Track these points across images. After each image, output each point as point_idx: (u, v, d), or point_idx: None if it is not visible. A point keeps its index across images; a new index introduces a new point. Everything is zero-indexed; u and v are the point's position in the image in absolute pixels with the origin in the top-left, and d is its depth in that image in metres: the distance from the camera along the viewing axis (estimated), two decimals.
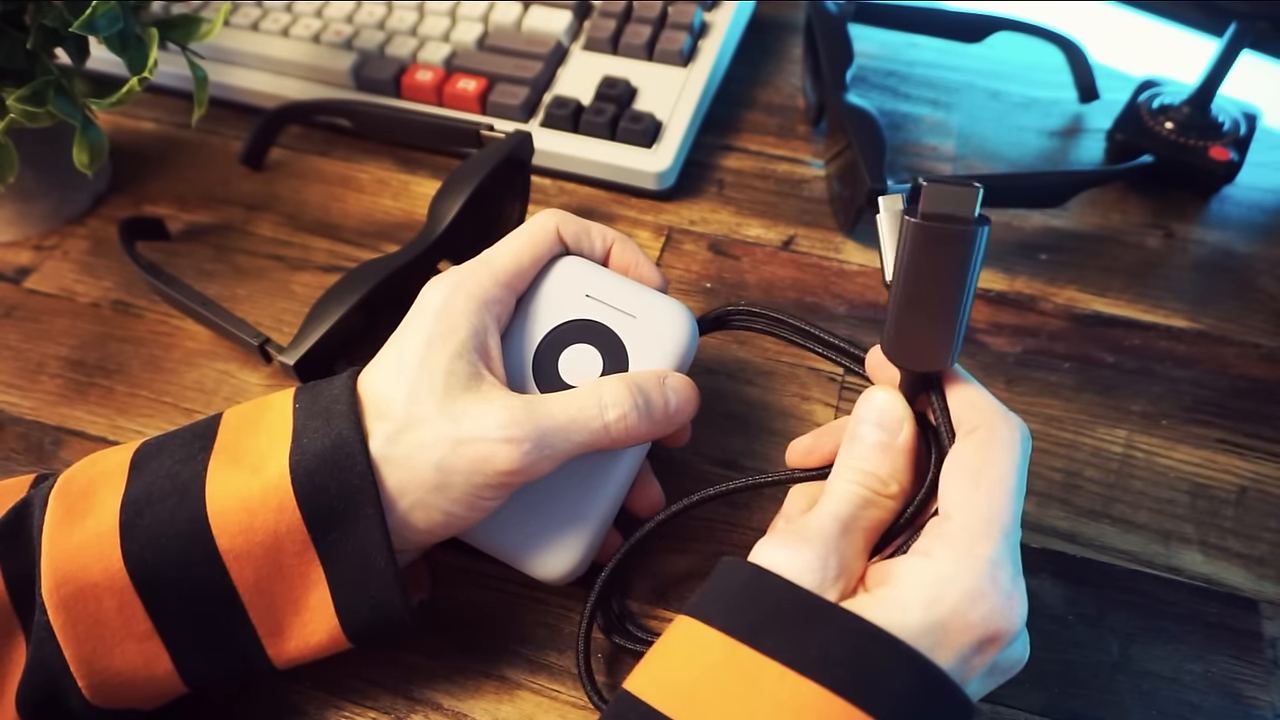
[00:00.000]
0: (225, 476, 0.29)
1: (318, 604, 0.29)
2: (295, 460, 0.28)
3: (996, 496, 0.26)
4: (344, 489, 0.28)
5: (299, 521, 0.28)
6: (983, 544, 0.25)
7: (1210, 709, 0.33)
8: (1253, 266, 0.46)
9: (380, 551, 0.29)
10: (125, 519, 0.28)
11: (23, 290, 0.47)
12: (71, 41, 0.40)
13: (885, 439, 0.28)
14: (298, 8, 0.55)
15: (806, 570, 0.26)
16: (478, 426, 0.29)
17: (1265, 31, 0.45)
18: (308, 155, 0.53)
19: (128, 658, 0.28)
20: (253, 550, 0.28)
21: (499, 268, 0.33)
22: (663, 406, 0.32)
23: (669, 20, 0.52)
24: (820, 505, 0.28)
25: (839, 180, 0.48)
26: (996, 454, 0.27)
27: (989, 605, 0.25)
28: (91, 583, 0.28)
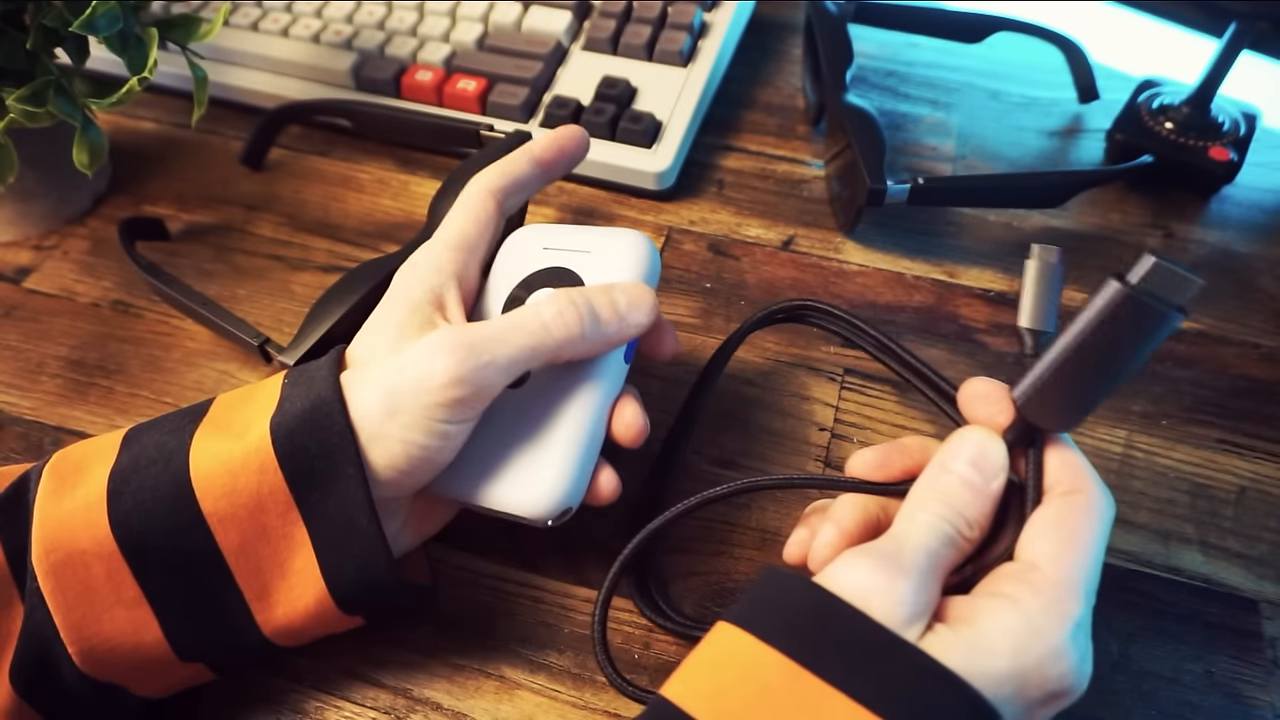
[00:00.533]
0: (209, 443, 0.29)
1: (303, 566, 0.29)
2: (276, 422, 0.29)
3: (1086, 560, 0.26)
4: (324, 448, 0.29)
5: (281, 482, 0.28)
6: (1071, 602, 0.25)
7: (1210, 709, 0.33)
8: (1253, 266, 0.46)
9: (362, 510, 0.29)
10: (112, 487, 0.29)
11: (23, 290, 0.47)
12: (71, 41, 0.40)
13: (979, 482, 0.28)
14: (298, 8, 0.55)
15: (901, 603, 0.25)
16: (416, 349, 0.30)
17: (1265, 31, 0.45)
18: (308, 155, 0.53)
19: (117, 624, 0.29)
20: (236, 513, 0.28)
21: (438, 236, 0.34)
22: (610, 308, 0.31)
23: (669, 20, 0.52)
24: (908, 534, 0.27)
25: (839, 180, 0.48)
26: (1091, 519, 0.27)
27: (1067, 664, 0.24)
28: (80, 549, 0.28)
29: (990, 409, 0.29)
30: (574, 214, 0.49)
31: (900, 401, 0.41)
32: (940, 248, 0.47)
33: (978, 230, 0.48)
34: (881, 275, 0.46)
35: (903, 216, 0.48)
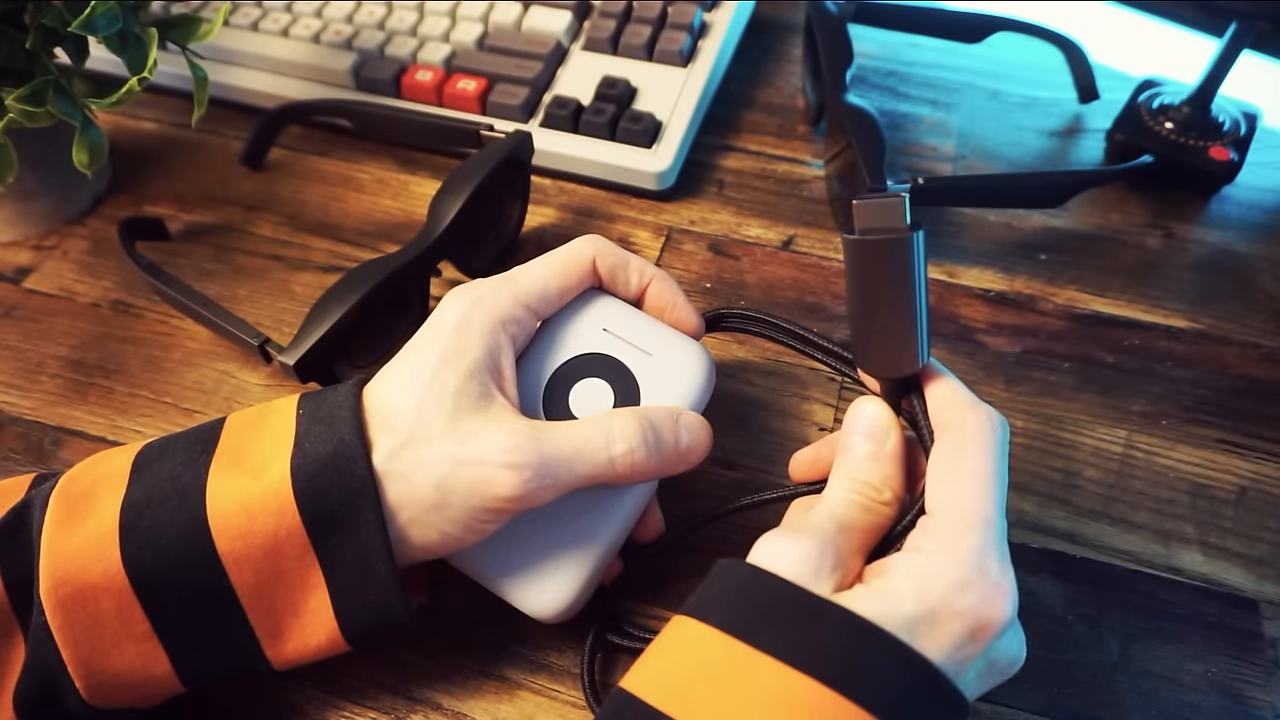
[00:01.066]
0: (226, 480, 0.29)
1: (317, 607, 0.29)
2: (296, 464, 0.28)
3: (973, 488, 0.27)
4: (345, 494, 0.28)
5: (299, 525, 0.28)
6: (966, 536, 0.26)
7: (1210, 709, 0.33)
8: (1253, 266, 0.46)
9: (381, 557, 0.28)
10: (125, 520, 0.28)
11: (22, 290, 0.47)
12: (71, 41, 0.40)
13: (874, 448, 0.29)
14: (298, 8, 0.55)
15: (804, 559, 0.26)
16: (481, 449, 0.29)
17: (1265, 31, 0.45)
18: (308, 155, 0.53)
19: (126, 659, 0.28)
20: (252, 554, 0.28)
21: (522, 288, 0.32)
22: (673, 445, 0.31)
23: (669, 20, 0.52)
24: (816, 509, 0.29)
25: (839, 180, 0.48)
26: (969, 447, 0.27)
27: (977, 593, 0.25)
28: (90, 584, 0.28)
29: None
30: (574, 214, 0.49)
31: None
32: (940, 248, 0.47)
33: (978, 230, 0.48)
34: None
35: None
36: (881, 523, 0.28)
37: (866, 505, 0.28)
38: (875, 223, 0.27)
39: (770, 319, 0.35)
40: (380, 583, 0.29)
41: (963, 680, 0.25)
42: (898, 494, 0.29)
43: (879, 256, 0.27)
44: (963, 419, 0.28)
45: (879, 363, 0.29)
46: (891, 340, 0.28)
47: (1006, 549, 0.26)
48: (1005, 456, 0.28)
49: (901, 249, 0.27)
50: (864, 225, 0.27)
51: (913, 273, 0.27)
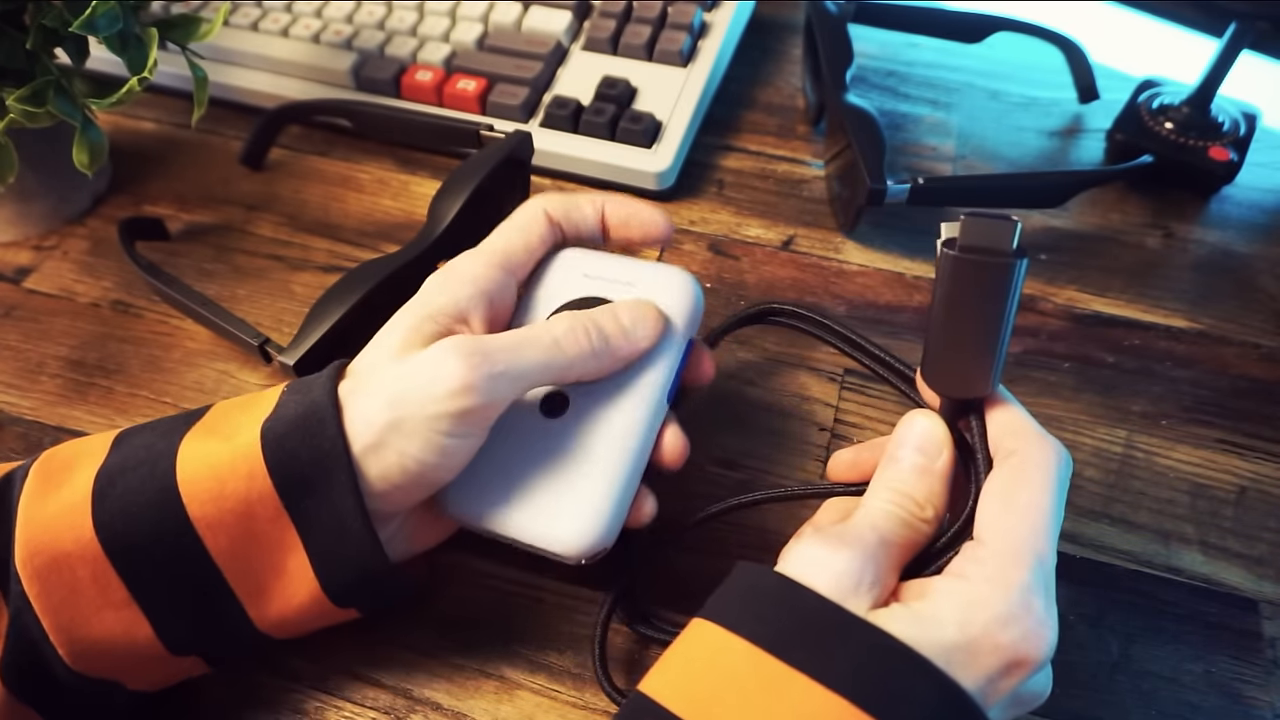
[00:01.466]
0: (197, 445, 0.29)
1: (297, 568, 0.29)
2: (267, 426, 0.28)
3: (1030, 522, 0.26)
4: (315, 454, 0.28)
5: (270, 488, 0.28)
6: (1015, 570, 0.25)
7: (1210, 709, 0.33)
8: (1253, 266, 0.46)
9: (354, 517, 0.28)
10: (98, 488, 0.28)
11: (22, 290, 0.47)
12: (71, 41, 0.40)
13: (924, 463, 0.29)
14: (298, 8, 0.55)
15: (845, 572, 0.26)
16: (425, 353, 0.29)
17: (1265, 31, 0.45)
18: (308, 155, 0.53)
19: (106, 625, 0.28)
20: (224, 518, 0.28)
21: (485, 249, 0.33)
22: (614, 324, 0.31)
23: (669, 20, 0.52)
24: (857, 517, 0.28)
25: (839, 180, 0.48)
26: (1031, 478, 0.27)
27: (1020, 630, 0.25)
28: (64, 552, 0.28)
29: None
30: None
31: (900, 401, 0.41)
32: None
33: None
34: (881, 275, 0.46)
35: (903, 216, 0.48)
36: (919, 540, 0.28)
37: (908, 521, 0.28)
38: (981, 242, 0.26)
39: (821, 319, 0.35)
40: (357, 543, 0.28)
41: (990, 711, 0.25)
42: (939, 513, 0.28)
43: (978, 278, 0.26)
44: (1027, 448, 0.27)
45: (948, 380, 0.29)
46: (967, 361, 0.28)
47: (1054, 587, 0.26)
48: (1065, 492, 0.27)
49: (1002, 274, 0.26)
50: (968, 243, 0.26)
51: (1007, 300, 0.26)
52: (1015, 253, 0.26)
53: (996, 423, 0.28)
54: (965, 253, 0.26)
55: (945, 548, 0.28)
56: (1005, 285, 0.26)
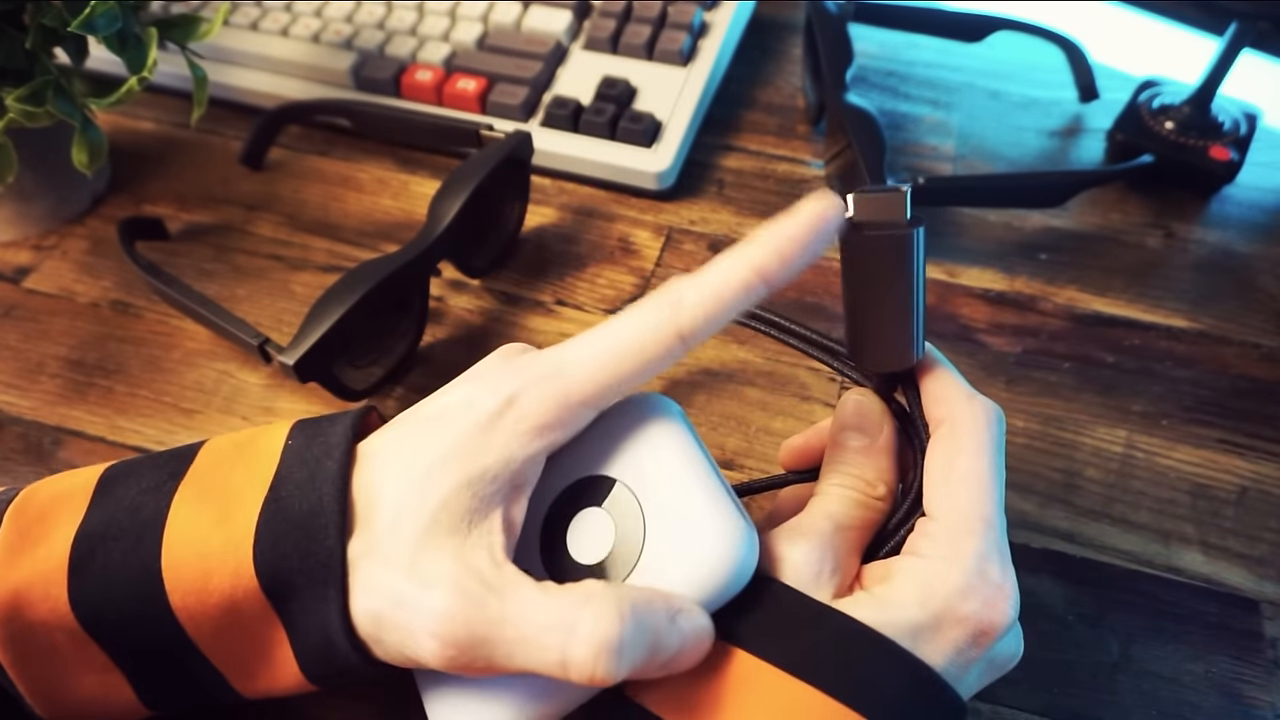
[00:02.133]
0: (189, 519, 0.26)
1: (283, 659, 0.27)
2: (264, 520, 0.25)
3: (971, 489, 0.26)
4: (306, 565, 0.25)
5: (256, 589, 0.25)
6: (966, 540, 0.25)
7: (1210, 709, 0.33)
8: (1253, 266, 0.46)
9: (340, 637, 0.25)
10: (76, 554, 0.26)
11: (22, 290, 0.47)
12: (70, 41, 0.40)
13: (866, 442, 0.29)
14: (297, 7, 0.55)
15: (804, 563, 0.26)
16: (420, 598, 0.24)
17: (1265, 31, 0.45)
18: (307, 155, 0.53)
19: (87, 689, 0.27)
20: (208, 611, 0.25)
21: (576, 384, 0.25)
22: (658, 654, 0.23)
23: (669, 20, 0.52)
24: (812, 505, 0.28)
25: (839, 180, 0.48)
26: (964, 444, 0.27)
27: (979, 599, 0.25)
28: (39, 620, 0.26)
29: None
30: (574, 213, 0.49)
31: None
32: (940, 248, 0.47)
33: (978, 230, 0.48)
34: None
35: None
36: (876, 518, 0.28)
37: (861, 501, 0.28)
38: (874, 216, 0.26)
39: (766, 315, 0.35)
40: (343, 657, 0.26)
41: (963, 683, 0.25)
42: (891, 488, 0.29)
43: (878, 252, 0.26)
44: (956, 414, 0.27)
45: (873, 358, 0.29)
46: (886, 336, 0.28)
47: (1007, 549, 0.26)
48: (1002, 451, 0.27)
49: (902, 245, 0.26)
50: (862, 218, 0.26)
51: (912, 269, 0.26)
52: (910, 222, 0.26)
53: (928, 390, 0.29)
54: (861, 228, 0.26)
55: (899, 524, 0.28)
56: (908, 256, 0.26)
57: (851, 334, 0.29)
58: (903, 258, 0.26)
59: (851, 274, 0.27)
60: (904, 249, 0.26)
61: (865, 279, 0.27)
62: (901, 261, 0.26)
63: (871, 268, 0.27)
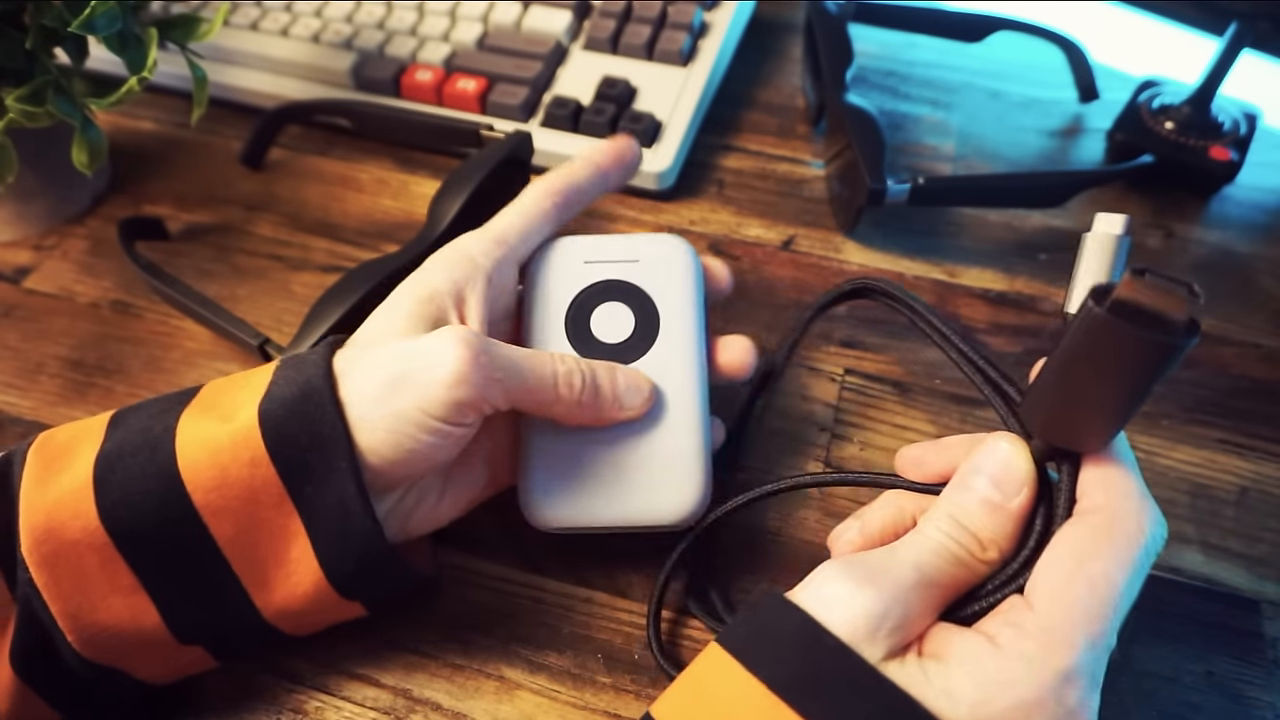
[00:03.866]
0: (196, 426, 0.29)
1: (300, 555, 0.29)
2: (265, 409, 0.28)
3: (1096, 598, 0.23)
4: (315, 439, 0.28)
5: (273, 475, 0.28)
6: (1060, 652, 0.23)
7: (1210, 709, 0.33)
8: (1253, 266, 0.46)
9: (356, 504, 0.28)
10: (99, 474, 0.28)
11: (22, 290, 0.47)
12: (70, 41, 0.40)
13: (998, 499, 0.26)
14: (297, 8, 0.55)
15: (863, 616, 0.24)
16: (432, 339, 0.29)
17: (1265, 31, 0.45)
18: (307, 155, 0.53)
19: (114, 612, 0.28)
20: (229, 504, 0.28)
21: (486, 228, 0.34)
22: (609, 386, 0.32)
23: (669, 20, 0.52)
24: (904, 545, 0.26)
25: (839, 180, 0.48)
26: (1113, 545, 0.23)
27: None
28: (71, 540, 0.27)
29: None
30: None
31: (901, 401, 0.41)
32: (940, 248, 0.47)
33: (978, 230, 0.48)
34: (881, 275, 0.46)
35: (903, 216, 0.48)
36: (973, 581, 0.26)
37: (964, 560, 0.25)
38: (1144, 302, 0.21)
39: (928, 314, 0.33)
40: (360, 531, 0.28)
41: None
42: (1004, 554, 0.26)
43: (1130, 348, 0.21)
44: (1118, 507, 0.24)
45: (1055, 430, 0.25)
46: (1084, 420, 0.24)
47: (1101, 676, 0.23)
48: (1146, 573, 0.24)
49: (1163, 353, 0.21)
50: (1127, 300, 0.21)
51: (1157, 377, 0.22)
52: (1184, 328, 0.21)
53: (1094, 470, 0.25)
54: (1119, 315, 0.21)
55: (991, 593, 0.25)
56: (1161, 363, 0.21)
57: (1041, 395, 0.25)
58: (1155, 364, 0.22)
59: (1081, 349, 0.22)
60: (1163, 356, 0.21)
61: (1096, 362, 0.22)
62: (1152, 366, 0.22)
63: (1111, 357, 0.22)
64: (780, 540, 0.37)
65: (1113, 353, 0.22)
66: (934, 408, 0.40)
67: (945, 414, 0.40)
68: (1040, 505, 0.26)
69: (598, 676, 0.34)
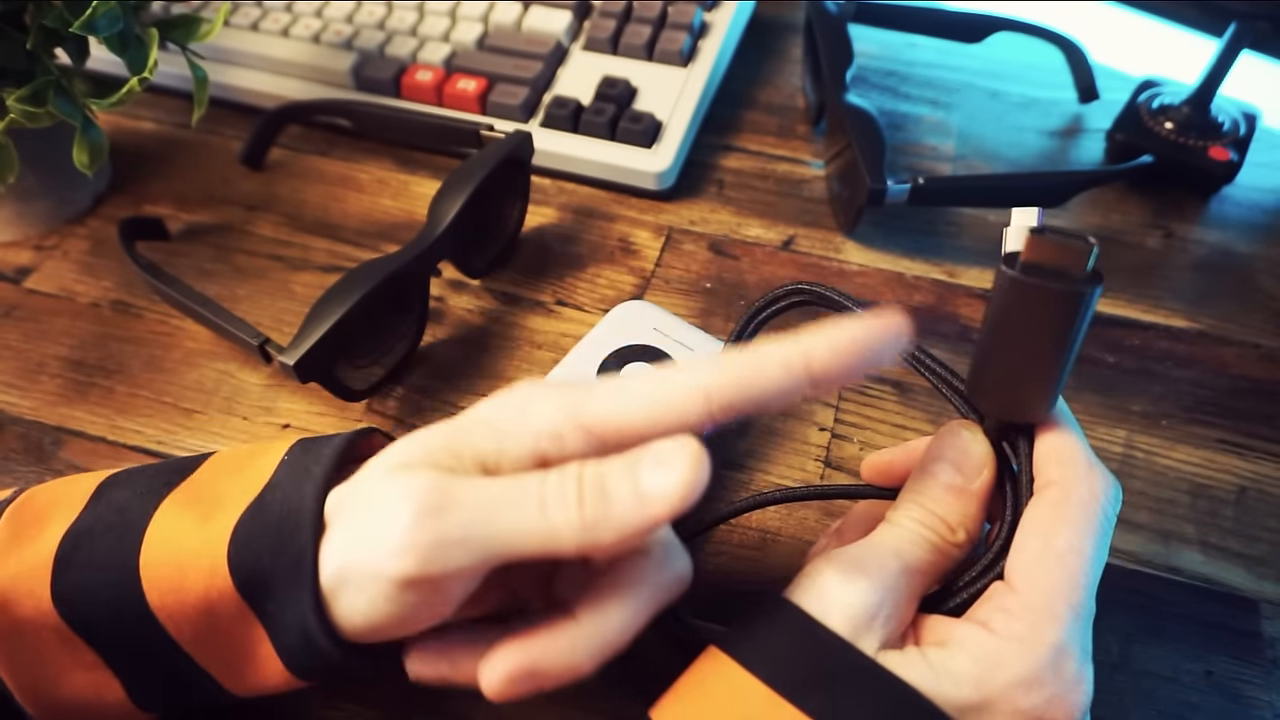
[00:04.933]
0: (171, 520, 0.26)
1: (266, 658, 0.26)
2: (242, 522, 0.25)
3: (1068, 569, 0.24)
4: (278, 564, 0.25)
5: (231, 589, 0.25)
6: (1048, 626, 0.23)
7: (1210, 709, 0.33)
8: (1253, 266, 0.46)
9: (319, 635, 0.24)
10: (61, 552, 0.26)
11: (23, 290, 0.47)
12: (71, 41, 0.40)
13: (960, 482, 0.26)
14: (298, 8, 0.55)
15: (859, 606, 0.24)
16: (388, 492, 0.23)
17: (1265, 31, 0.45)
18: (308, 155, 0.53)
19: (76, 686, 0.26)
20: (186, 611, 0.25)
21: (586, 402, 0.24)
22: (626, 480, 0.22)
23: (669, 20, 0.52)
24: (881, 536, 0.26)
25: (839, 180, 0.48)
26: (1073, 516, 0.24)
27: (1045, 694, 0.23)
28: (25, 617, 0.26)
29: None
30: (574, 213, 0.49)
31: (900, 401, 0.41)
32: (940, 248, 0.47)
33: (978, 230, 0.48)
34: (881, 275, 0.46)
35: (903, 216, 0.48)
36: (947, 566, 0.26)
37: (937, 545, 0.26)
38: (1048, 260, 0.23)
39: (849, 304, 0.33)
40: (325, 653, 0.25)
41: None
42: (972, 537, 0.26)
43: (1042, 303, 0.23)
44: (1071, 479, 0.25)
45: (999, 403, 0.26)
46: (1022, 386, 0.25)
47: (1089, 640, 0.24)
48: (1110, 533, 0.25)
49: (1073, 302, 0.23)
50: (1033, 262, 0.23)
51: (1076, 329, 0.23)
52: (1088, 278, 0.23)
53: (1045, 446, 0.26)
54: (1029, 274, 0.23)
55: (972, 582, 0.26)
56: (1076, 314, 0.23)
57: (979, 371, 0.26)
58: (1069, 315, 0.23)
59: (1002, 314, 0.24)
60: (1073, 306, 0.23)
61: (1017, 324, 0.24)
62: (1067, 319, 0.23)
63: (1029, 316, 0.24)
64: (780, 540, 0.37)
65: (1031, 312, 0.23)
66: (933, 408, 0.40)
67: (945, 414, 0.40)
68: (1005, 488, 0.27)
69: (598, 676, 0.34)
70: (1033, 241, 0.23)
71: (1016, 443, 0.27)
